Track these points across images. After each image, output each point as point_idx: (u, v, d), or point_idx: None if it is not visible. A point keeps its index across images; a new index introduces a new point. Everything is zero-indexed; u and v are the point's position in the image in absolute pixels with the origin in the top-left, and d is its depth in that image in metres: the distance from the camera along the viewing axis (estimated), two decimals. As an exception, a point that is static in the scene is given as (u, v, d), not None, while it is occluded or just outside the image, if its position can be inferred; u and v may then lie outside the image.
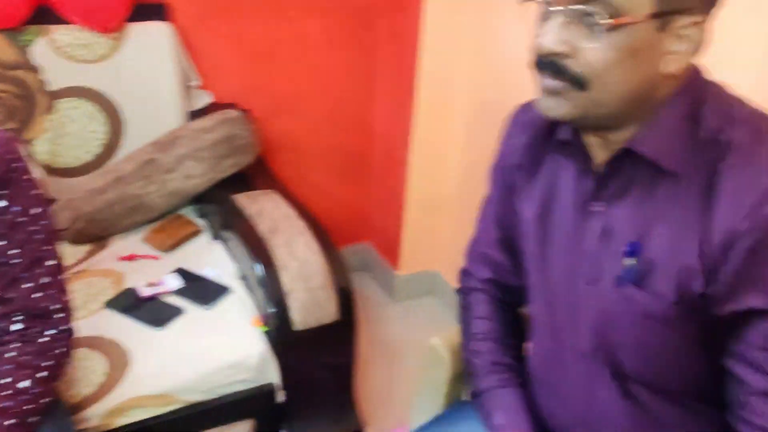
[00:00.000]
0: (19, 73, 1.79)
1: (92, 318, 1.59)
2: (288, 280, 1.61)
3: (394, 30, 2.27)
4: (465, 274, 1.23)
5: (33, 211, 1.15)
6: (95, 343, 1.51)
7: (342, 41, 2.33)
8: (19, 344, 1.15)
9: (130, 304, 1.63)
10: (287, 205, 1.84)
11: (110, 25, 1.86)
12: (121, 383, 1.44)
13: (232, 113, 2.00)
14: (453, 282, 2.40)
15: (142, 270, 1.76)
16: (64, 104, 1.87)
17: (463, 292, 1.23)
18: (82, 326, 1.41)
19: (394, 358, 2.29)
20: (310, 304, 1.61)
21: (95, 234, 1.85)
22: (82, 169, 1.92)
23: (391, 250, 2.56)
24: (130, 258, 1.81)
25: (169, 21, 2.00)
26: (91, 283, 1.70)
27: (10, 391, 1.11)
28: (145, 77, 1.94)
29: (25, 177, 1.15)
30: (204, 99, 2.13)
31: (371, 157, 2.58)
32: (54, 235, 1.21)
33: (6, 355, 1.14)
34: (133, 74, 1.92)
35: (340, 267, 1.69)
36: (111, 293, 1.67)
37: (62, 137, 1.88)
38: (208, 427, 1.58)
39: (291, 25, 2.24)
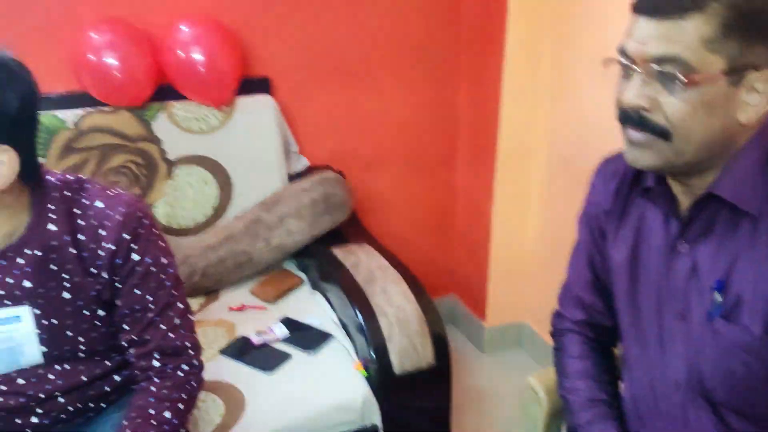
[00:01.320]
0: (143, 145, 2.02)
1: (209, 364, 1.71)
2: (386, 326, 1.72)
3: (476, 89, 2.42)
4: (558, 316, 1.31)
5: (162, 260, 1.30)
6: (213, 386, 1.65)
7: (424, 102, 2.49)
8: (158, 380, 1.30)
9: (243, 350, 1.78)
10: (380, 256, 1.97)
11: (222, 100, 2.07)
12: (237, 423, 1.57)
13: (328, 174, 2.17)
14: (541, 332, 2.45)
15: (251, 319, 1.91)
16: (182, 171, 2.08)
17: (557, 333, 1.30)
18: (204, 370, 1.55)
19: (486, 405, 2.35)
20: (408, 349, 1.71)
21: (208, 287, 2.02)
22: (196, 228, 2.11)
23: (477, 302, 2.64)
24: (240, 308, 1.97)
25: (271, 94, 2.21)
26: (206, 333, 1.85)
27: (154, 422, 1.26)
28: (251, 145, 2.13)
29: (154, 231, 1.30)
30: (302, 162, 2.31)
31: (454, 211, 2.69)
32: (180, 281, 1.36)
33: (149, 389, 1.29)
34: (241, 142, 2.12)
35: (434, 314, 1.79)
36: (224, 341, 1.82)
37: (179, 200, 2.08)
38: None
39: (378, 92, 2.41)
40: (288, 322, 1.89)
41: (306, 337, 1.83)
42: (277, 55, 2.23)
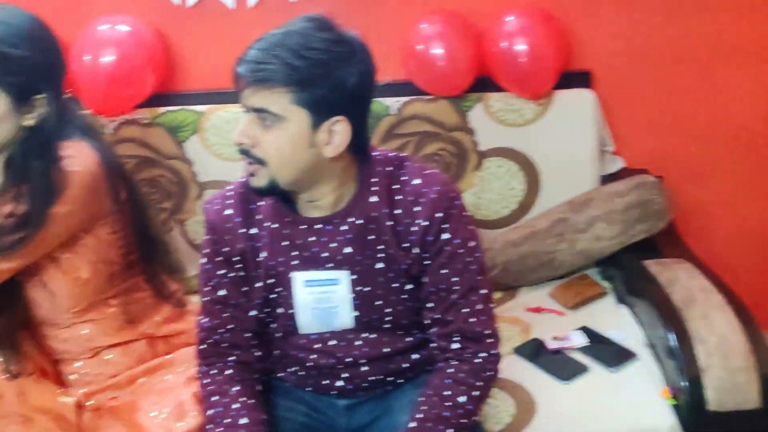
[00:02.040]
0: (457, 134, 2.04)
1: (501, 361, 1.68)
2: (704, 355, 1.52)
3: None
4: None
5: (470, 243, 1.30)
6: (504, 384, 1.60)
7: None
8: (456, 362, 1.29)
9: (537, 353, 1.70)
10: (702, 276, 1.75)
11: (539, 93, 2.01)
12: (528, 427, 1.50)
13: (647, 178, 1.99)
14: None
15: (548, 323, 1.83)
16: (491, 163, 2.06)
17: None
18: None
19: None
20: (728, 385, 1.49)
21: (506, 283, 1.98)
22: (499, 222, 2.08)
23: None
24: (537, 310, 1.89)
25: (592, 88, 2.09)
26: (500, 329, 1.80)
27: (449, 403, 1.25)
28: (564, 141, 2.04)
29: (464, 214, 1.30)
30: (617, 163, 2.16)
31: (795, 238, 2.30)
32: (485, 268, 1.34)
33: (446, 371, 1.28)
34: (554, 138, 2.04)
35: (764, 350, 1.53)
36: (518, 340, 1.77)
37: (486, 192, 2.07)
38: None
39: (715, 91, 2.15)
40: (587, 333, 1.76)
41: (607, 351, 1.69)
42: (601, 47, 2.10)
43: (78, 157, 1.39)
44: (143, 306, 1.53)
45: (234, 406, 1.29)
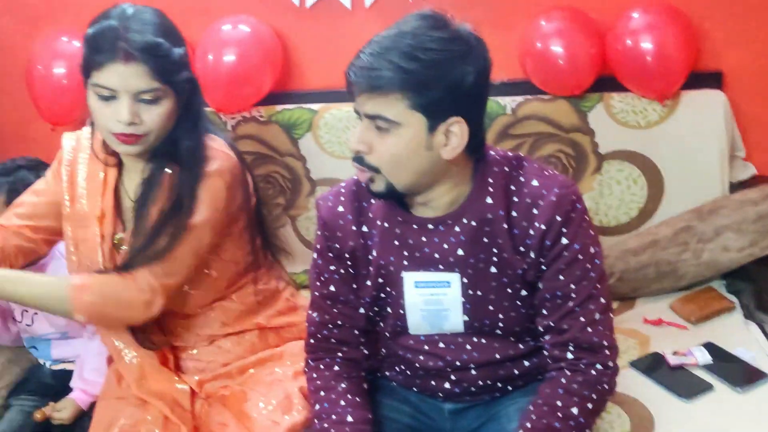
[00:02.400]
0: (576, 136, 1.96)
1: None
2: None
3: None
4: None
5: (591, 250, 1.23)
6: (619, 398, 1.52)
7: None
8: (569, 373, 1.24)
9: (656, 368, 1.61)
10: None
11: (666, 94, 1.90)
12: (645, 446, 1.42)
13: (784, 187, 1.85)
14: None
15: (668, 337, 1.73)
16: (611, 166, 1.97)
17: None
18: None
19: None
20: None
21: (623, 293, 1.89)
22: (618, 229, 1.98)
23: None
24: (657, 323, 1.79)
25: (723, 90, 1.96)
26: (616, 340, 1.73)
27: (560, 414, 1.20)
28: (691, 145, 1.92)
29: (586, 218, 1.24)
30: (748, 170, 2.02)
31: None
32: (605, 275, 1.27)
33: (559, 381, 1.23)
34: (680, 141, 1.93)
35: None
36: (635, 354, 1.68)
37: (604, 197, 1.98)
38: None
39: None
40: (711, 349, 1.64)
41: (733, 370, 1.58)
42: (733, 46, 1.97)
43: (218, 152, 1.45)
44: (261, 297, 1.57)
45: (341, 403, 1.29)
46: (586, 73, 1.90)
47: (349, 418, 1.27)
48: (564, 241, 1.21)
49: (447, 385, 1.33)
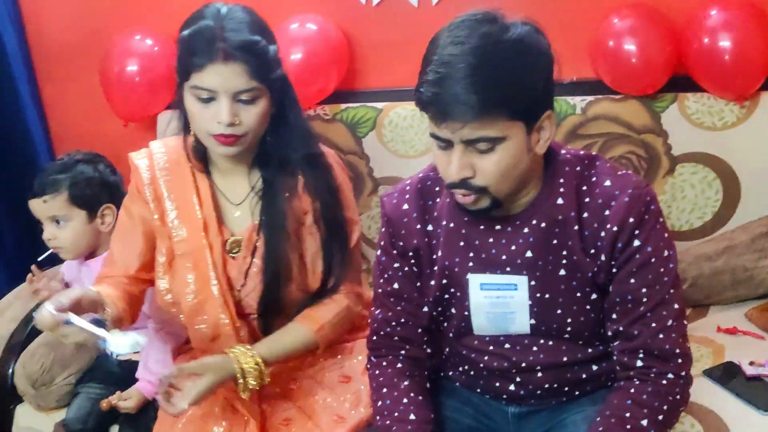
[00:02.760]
0: (648, 137, 1.90)
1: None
2: None
3: None
4: None
5: (664, 253, 1.19)
6: (692, 408, 1.46)
7: None
8: (638, 382, 1.19)
9: (731, 378, 1.55)
10: None
11: (744, 94, 1.83)
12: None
13: None
14: None
15: (745, 346, 1.66)
16: (684, 169, 1.91)
17: None
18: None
19: None
20: None
21: (696, 300, 1.82)
22: (691, 233, 1.92)
23: None
24: (732, 332, 1.72)
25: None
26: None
27: (629, 426, 1.15)
28: (769, 147, 1.85)
29: (660, 220, 1.19)
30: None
31: None
32: (678, 280, 1.22)
33: (628, 391, 1.19)
34: (758, 144, 1.86)
35: None
36: (708, 363, 1.62)
37: (677, 200, 1.92)
38: None
39: None
40: (793, 361, 1.57)
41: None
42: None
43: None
44: None
45: (403, 401, 1.28)
46: (660, 72, 1.84)
47: (412, 417, 1.26)
48: (636, 243, 1.17)
49: (512, 387, 1.30)
